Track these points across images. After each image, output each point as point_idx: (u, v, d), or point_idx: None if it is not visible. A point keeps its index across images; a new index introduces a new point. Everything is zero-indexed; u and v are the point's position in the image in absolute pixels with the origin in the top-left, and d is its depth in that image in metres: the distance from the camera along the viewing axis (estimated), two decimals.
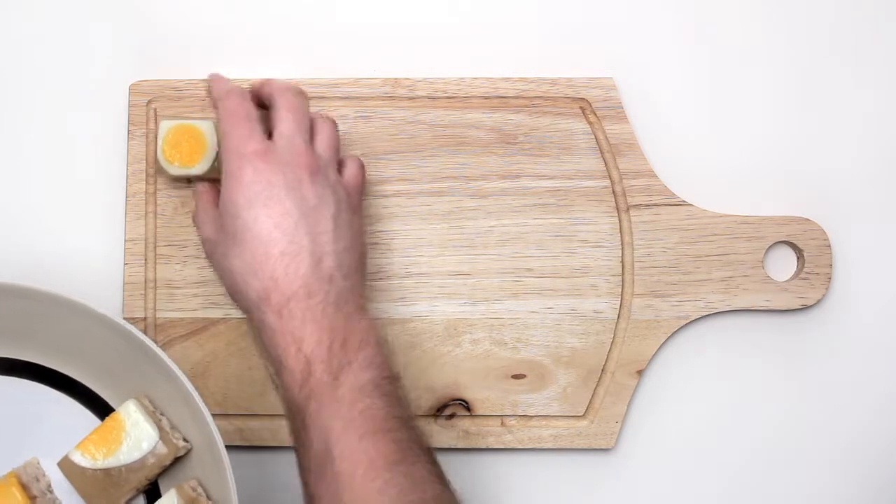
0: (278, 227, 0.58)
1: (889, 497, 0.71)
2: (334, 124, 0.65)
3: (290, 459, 0.69)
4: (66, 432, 0.65)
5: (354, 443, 0.54)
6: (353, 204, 0.62)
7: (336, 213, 0.60)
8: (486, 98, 0.70)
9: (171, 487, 0.63)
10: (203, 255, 0.67)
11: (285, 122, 0.61)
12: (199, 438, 0.64)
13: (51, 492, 0.65)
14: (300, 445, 0.57)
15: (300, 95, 0.63)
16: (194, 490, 0.63)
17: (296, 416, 0.56)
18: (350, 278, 0.59)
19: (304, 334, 0.56)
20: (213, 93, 0.65)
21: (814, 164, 0.72)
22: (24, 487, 0.64)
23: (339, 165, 0.64)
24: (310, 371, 0.56)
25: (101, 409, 0.66)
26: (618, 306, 0.69)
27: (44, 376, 0.66)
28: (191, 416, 0.63)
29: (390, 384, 0.57)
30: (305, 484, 0.56)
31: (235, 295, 0.60)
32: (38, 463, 0.65)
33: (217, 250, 0.61)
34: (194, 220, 0.65)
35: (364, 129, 0.70)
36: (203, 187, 0.65)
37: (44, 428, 0.66)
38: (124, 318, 0.68)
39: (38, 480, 0.65)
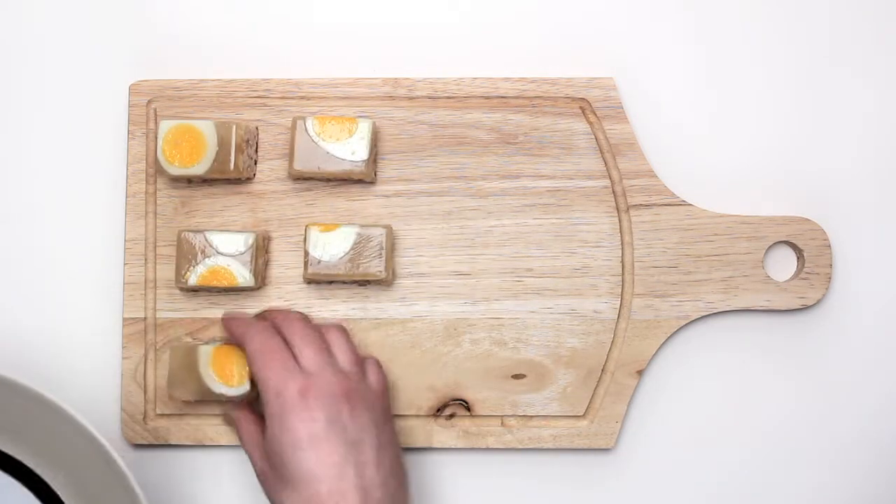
0: (324, 465, 0.58)
1: (889, 497, 0.71)
2: (344, 331, 0.65)
3: None
4: None
5: None
6: (386, 411, 0.63)
7: (377, 438, 0.60)
8: (486, 98, 0.70)
9: None
10: None
11: (306, 356, 0.62)
12: None
13: None
14: None
15: (302, 319, 0.64)
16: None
17: None
18: (396, 500, 0.60)
19: None
20: (234, 333, 0.64)
21: (814, 164, 0.72)
22: None
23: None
24: None
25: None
26: (618, 306, 0.69)
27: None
28: None
29: None
30: None
31: None
32: None
33: (268, 483, 0.61)
34: (243, 447, 0.64)
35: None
36: (242, 416, 0.65)
37: None
38: (125, 318, 0.69)
39: None
